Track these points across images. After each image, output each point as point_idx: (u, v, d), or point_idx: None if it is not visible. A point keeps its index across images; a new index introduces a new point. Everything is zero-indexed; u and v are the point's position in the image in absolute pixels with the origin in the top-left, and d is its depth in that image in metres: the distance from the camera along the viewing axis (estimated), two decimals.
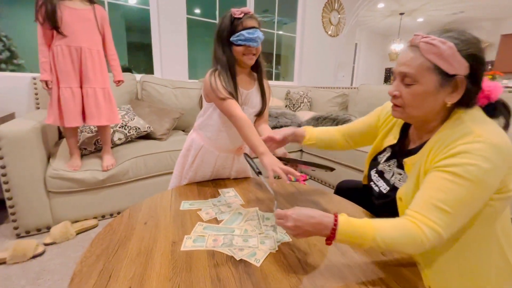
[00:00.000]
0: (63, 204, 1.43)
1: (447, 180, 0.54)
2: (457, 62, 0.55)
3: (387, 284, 0.53)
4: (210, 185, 1.04)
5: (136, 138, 1.82)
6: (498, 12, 5.64)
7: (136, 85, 2.16)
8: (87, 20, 1.37)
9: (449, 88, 0.58)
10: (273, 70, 4.11)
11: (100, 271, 0.55)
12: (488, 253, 0.60)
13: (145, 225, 0.74)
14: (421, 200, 0.56)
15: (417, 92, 0.60)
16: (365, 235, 0.53)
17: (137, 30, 3.43)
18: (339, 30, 3.91)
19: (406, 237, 0.53)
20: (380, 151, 0.84)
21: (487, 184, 0.53)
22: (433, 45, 0.56)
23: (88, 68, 1.37)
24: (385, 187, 0.75)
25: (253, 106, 1.01)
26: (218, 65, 0.92)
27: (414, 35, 0.60)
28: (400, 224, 0.55)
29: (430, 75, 0.58)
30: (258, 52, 0.94)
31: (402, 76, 0.62)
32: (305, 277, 0.55)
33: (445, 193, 0.53)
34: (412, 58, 0.59)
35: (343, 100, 2.82)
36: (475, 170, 0.52)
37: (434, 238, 0.52)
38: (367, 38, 7.26)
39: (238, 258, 0.60)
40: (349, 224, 0.54)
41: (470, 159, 0.52)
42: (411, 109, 0.63)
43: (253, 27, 0.88)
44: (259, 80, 1.01)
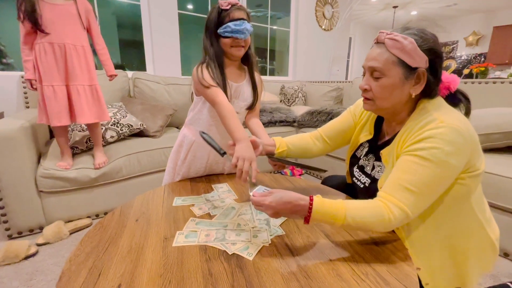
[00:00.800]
0: (55, 204, 1.41)
1: (414, 163, 0.59)
2: (418, 56, 0.61)
3: (378, 272, 0.53)
4: (203, 180, 1.03)
5: (129, 135, 1.79)
6: (490, 4, 5.66)
7: (128, 82, 2.13)
8: (69, 15, 1.33)
9: (413, 80, 0.64)
10: (267, 66, 4.08)
11: (89, 269, 0.54)
12: (467, 228, 0.66)
13: (136, 222, 0.72)
14: (390, 181, 0.61)
15: (385, 84, 0.65)
16: (337, 214, 0.58)
17: (129, 27, 3.38)
18: (333, 24, 3.90)
19: (375, 215, 0.57)
20: (357, 147, 0.86)
21: (450, 165, 0.57)
22: (396, 40, 0.61)
23: (74, 65, 1.34)
24: (368, 181, 0.77)
25: (244, 99, 0.99)
26: (207, 57, 0.91)
27: (379, 32, 0.66)
28: (370, 204, 0.60)
29: (396, 68, 0.63)
30: (247, 44, 0.92)
31: (371, 70, 0.66)
32: (299, 270, 0.54)
33: (412, 174, 0.58)
34: (379, 54, 0.64)
35: (337, 94, 2.81)
36: (438, 153, 0.56)
37: (400, 216, 0.57)
38: (362, 32, 7.25)
39: (230, 252, 0.59)
40: (323, 205, 0.58)
41: (434, 143, 0.57)
42: (380, 101, 0.68)
43: (240, 19, 0.86)
44: (250, 73, 0.99)
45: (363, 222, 0.58)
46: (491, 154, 1.42)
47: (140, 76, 2.13)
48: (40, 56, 1.28)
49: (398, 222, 0.57)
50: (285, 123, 2.48)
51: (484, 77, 4.16)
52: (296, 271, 0.54)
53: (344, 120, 0.91)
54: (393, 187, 0.60)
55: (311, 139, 0.95)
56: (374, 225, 0.58)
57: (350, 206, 0.59)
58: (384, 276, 0.52)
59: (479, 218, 0.66)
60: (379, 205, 0.58)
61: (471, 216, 0.65)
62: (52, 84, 1.30)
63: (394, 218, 0.57)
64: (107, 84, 1.95)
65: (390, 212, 0.57)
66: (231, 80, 0.94)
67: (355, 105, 0.90)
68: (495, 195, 1.22)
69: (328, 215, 0.58)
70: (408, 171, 0.59)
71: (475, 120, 0.62)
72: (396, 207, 0.57)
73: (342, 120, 0.92)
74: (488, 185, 1.16)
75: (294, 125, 2.52)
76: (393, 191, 0.59)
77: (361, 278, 0.52)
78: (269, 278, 0.52)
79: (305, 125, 2.43)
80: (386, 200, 0.59)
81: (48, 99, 1.30)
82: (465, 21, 6.46)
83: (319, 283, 0.51)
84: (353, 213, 0.57)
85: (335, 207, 0.58)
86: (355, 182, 0.83)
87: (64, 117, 1.35)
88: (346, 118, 0.91)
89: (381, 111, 0.72)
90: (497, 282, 1.04)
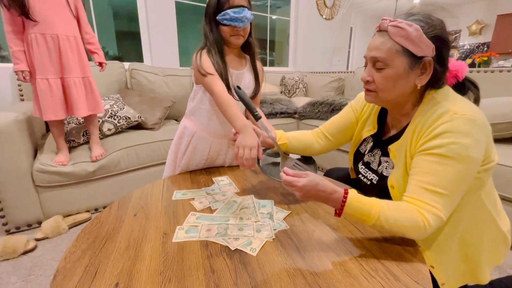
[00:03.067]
0: (53, 198, 1.38)
1: (435, 163, 0.55)
2: (424, 44, 0.57)
3: (387, 268, 0.51)
4: (203, 173, 1.00)
5: (127, 128, 1.76)
6: None
7: (125, 73, 2.07)
8: (59, 4, 1.27)
9: (418, 70, 0.59)
10: (267, 57, 4.01)
11: (85, 266, 0.52)
12: (479, 222, 0.63)
13: (134, 216, 0.70)
14: (413, 186, 0.57)
15: (389, 75, 0.61)
16: (371, 212, 0.54)
17: (125, 18, 3.29)
18: (334, 13, 3.80)
19: (410, 220, 0.53)
20: (360, 142, 0.83)
21: (472, 158, 0.54)
22: (401, 28, 0.57)
23: (69, 57, 1.29)
24: (375, 177, 0.74)
25: (246, 87, 0.96)
26: (207, 42, 0.88)
27: (381, 19, 0.61)
28: (405, 207, 0.55)
29: (400, 57, 0.59)
30: (246, 32, 0.88)
31: (374, 61, 0.62)
32: (304, 265, 0.52)
33: (435, 175, 0.54)
34: (381, 43, 0.60)
35: (339, 84, 2.76)
36: (457, 148, 0.53)
37: (434, 222, 0.53)
38: (363, 22, 7.11)
39: (233, 248, 0.56)
40: (358, 200, 0.55)
41: (451, 138, 0.53)
42: (384, 93, 0.64)
43: (240, 6, 0.82)
44: (252, 61, 0.96)
45: (397, 225, 0.53)
46: (497, 144, 1.39)
47: (138, 67, 2.08)
48: (32, 47, 1.22)
49: (433, 228, 0.54)
50: (285, 115, 2.44)
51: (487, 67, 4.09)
52: (302, 267, 0.52)
53: (346, 116, 0.87)
54: (419, 192, 0.55)
55: (313, 136, 0.91)
56: (408, 231, 0.54)
57: (385, 206, 0.55)
58: (394, 272, 0.50)
59: (490, 211, 0.63)
60: (413, 210, 0.54)
61: (481, 209, 0.63)
62: (47, 77, 1.25)
63: (429, 226, 0.53)
64: (103, 75, 1.90)
65: (425, 219, 0.53)
66: (231, 68, 0.91)
67: (356, 99, 0.86)
68: (502, 186, 1.19)
69: (361, 212, 0.55)
70: (430, 172, 0.55)
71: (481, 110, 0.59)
72: (429, 213, 0.53)
73: (343, 116, 0.87)
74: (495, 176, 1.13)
75: (295, 116, 2.48)
76: (420, 196, 0.55)
77: (370, 274, 0.49)
78: (274, 275, 0.49)
79: (306, 117, 2.39)
80: (418, 206, 0.54)
81: (42, 93, 1.26)
82: (468, 10, 6.32)
83: (327, 280, 0.48)
84: (387, 214, 0.54)
85: (370, 205, 0.55)
86: (360, 179, 0.79)
87: (60, 110, 1.31)
88: (347, 113, 0.86)
89: (385, 103, 0.68)
90: (503, 274, 1.02)
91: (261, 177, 0.95)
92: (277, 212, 0.71)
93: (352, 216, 0.56)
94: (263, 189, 0.85)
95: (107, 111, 1.62)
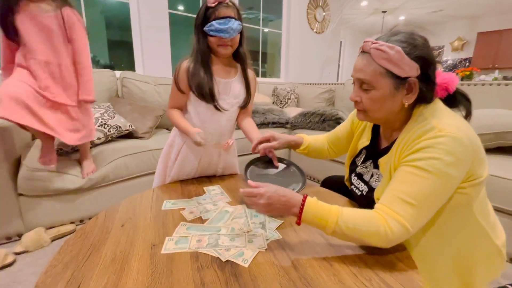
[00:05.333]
0: (36, 209, 1.32)
1: (412, 174, 0.55)
2: (406, 65, 0.57)
3: (381, 278, 0.50)
4: (194, 182, 0.98)
5: (117, 137, 1.72)
6: (474, 11, 5.85)
7: (116, 82, 2.05)
8: (46, 29, 1.17)
9: (404, 90, 0.60)
10: (259, 68, 4.07)
11: (67, 281, 0.49)
12: (471, 237, 0.62)
13: (122, 227, 0.67)
14: (388, 193, 0.58)
15: (375, 97, 0.62)
16: (329, 217, 0.55)
17: (118, 27, 3.30)
18: (324, 27, 3.92)
19: (370, 226, 0.54)
20: (357, 153, 0.84)
21: (450, 176, 0.54)
22: (382, 50, 0.57)
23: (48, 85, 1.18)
24: (365, 189, 0.74)
25: (236, 96, 0.96)
26: (193, 53, 0.90)
27: (364, 41, 0.62)
28: (365, 213, 0.56)
29: (384, 79, 0.59)
30: (234, 42, 0.89)
31: (360, 82, 0.63)
32: (298, 276, 0.51)
33: (410, 186, 0.55)
34: (365, 65, 0.61)
35: (329, 95, 2.82)
36: (437, 163, 0.53)
37: (398, 230, 0.53)
38: (352, 36, 7.36)
39: (224, 259, 0.55)
40: (316, 206, 0.56)
41: (433, 153, 0.54)
42: (372, 112, 0.65)
43: (227, 17, 0.83)
44: (243, 70, 0.96)
45: (356, 230, 0.54)
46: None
47: (129, 75, 2.06)
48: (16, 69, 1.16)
49: (397, 237, 0.53)
50: (278, 125, 2.45)
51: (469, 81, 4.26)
52: (295, 278, 0.50)
53: (345, 127, 0.90)
54: (391, 200, 0.56)
55: (325, 143, 0.97)
56: (368, 237, 0.54)
57: (344, 211, 0.56)
58: (389, 282, 0.49)
59: (483, 226, 0.62)
60: (375, 216, 0.55)
61: (473, 224, 0.62)
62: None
63: (391, 233, 0.53)
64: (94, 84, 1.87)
65: (387, 225, 0.53)
66: (218, 76, 0.92)
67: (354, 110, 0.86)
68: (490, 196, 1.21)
69: (319, 217, 0.55)
70: (407, 183, 0.55)
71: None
72: (394, 220, 0.53)
73: (344, 127, 0.91)
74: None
75: (287, 126, 2.50)
76: (391, 204, 0.55)
77: (365, 285, 0.49)
78: (266, 287, 0.48)
79: (297, 127, 2.40)
80: (384, 213, 0.55)
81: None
82: (451, 27, 6.65)
83: None
84: (346, 219, 0.54)
85: (328, 210, 0.56)
86: (353, 190, 0.80)
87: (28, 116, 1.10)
88: (346, 124, 0.90)
89: (375, 120, 0.70)
90: (497, 285, 1.03)
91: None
92: (270, 221, 0.70)
93: (311, 222, 0.56)
94: None
95: (97, 120, 1.59)
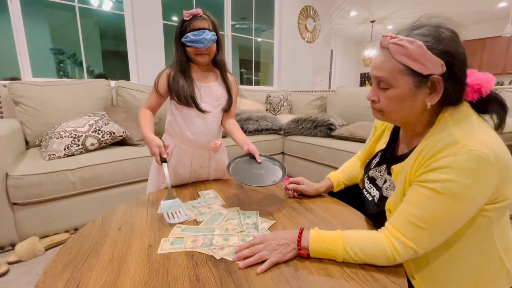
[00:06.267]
0: (30, 218, 1.32)
1: (426, 196, 0.51)
2: (428, 61, 0.51)
3: (367, 271, 0.53)
4: (189, 187, 1.00)
5: (111, 144, 1.74)
6: (459, 19, 6.07)
7: (110, 91, 2.08)
8: None
9: (427, 89, 0.54)
10: (252, 77, 4.14)
11: (66, 281, 0.51)
12: (485, 261, 0.57)
13: (119, 230, 0.69)
14: (399, 214, 0.55)
15: (393, 96, 0.57)
16: (336, 247, 0.54)
17: (112, 37, 3.33)
18: (315, 37, 4.04)
19: (376, 249, 0.53)
20: (373, 156, 0.80)
21: (469, 199, 0.49)
22: (401, 46, 0.52)
23: None
24: (377, 195, 0.71)
25: (218, 99, 1.02)
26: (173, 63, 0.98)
27: (383, 36, 0.57)
28: (370, 235, 0.56)
29: (403, 77, 0.54)
30: (211, 51, 0.96)
31: (377, 80, 0.59)
32: (288, 271, 0.53)
33: (423, 209, 0.52)
34: (383, 61, 0.56)
35: (321, 102, 2.89)
36: (455, 187, 0.48)
37: (405, 252, 0.52)
38: (342, 45, 7.56)
39: (218, 257, 0.57)
40: (320, 240, 0.56)
41: (451, 174, 0.49)
42: (389, 113, 0.61)
43: (201, 29, 0.90)
44: (222, 75, 1.03)
45: (364, 254, 0.53)
46: None
47: (124, 85, 2.09)
48: None
49: (404, 258, 0.53)
50: (271, 131, 2.50)
51: None
52: (286, 272, 0.53)
53: (371, 137, 0.84)
54: (401, 222, 0.54)
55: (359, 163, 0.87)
56: (377, 259, 0.53)
57: (348, 235, 0.55)
58: (373, 273, 0.53)
59: (498, 249, 0.56)
60: (381, 237, 0.54)
61: (489, 248, 0.56)
62: None
63: (398, 255, 0.52)
64: (89, 93, 1.91)
65: (393, 248, 0.52)
66: (199, 81, 0.99)
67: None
68: None
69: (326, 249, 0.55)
70: (419, 206, 0.52)
71: None
72: (400, 243, 0.52)
73: (370, 138, 0.85)
74: None
75: (280, 133, 2.55)
76: (400, 225, 0.54)
77: (351, 277, 0.52)
78: (258, 281, 0.50)
79: (291, 133, 2.45)
80: (390, 234, 0.54)
81: None
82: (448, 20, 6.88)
83: (309, 284, 0.50)
84: (352, 244, 0.54)
85: (333, 240, 0.55)
86: (364, 194, 0.77)
87: None
88: (372, 134, 0.84)
89: (394, 121, 0.65)
90: None
91: (247, 190, 0.97)
92: (262, 222, 0.73)
93: (320, 256, 0.56)
94: (248, 201, 0.87)
95: (91, 126, 1.60)
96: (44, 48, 2.75)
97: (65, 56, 2.94)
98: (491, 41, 6.00)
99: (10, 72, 2.19)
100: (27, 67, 2.09)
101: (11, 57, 2.07)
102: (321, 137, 2.27)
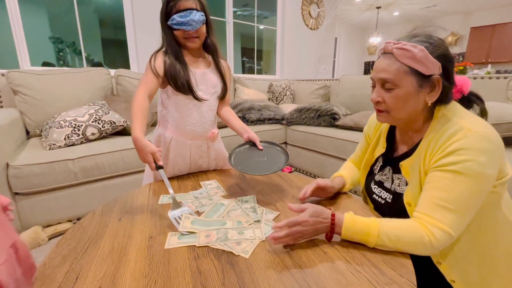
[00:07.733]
0: (32, 207, 1.32)
1: (448, 179, 0.55)
2: (430, 63, 0.59)
3: (373, 263, 0.52)
4: (191, 178, 0.99)
5: (112, 134, 1.72)
6: (467, 6, 5.90)
7: (110, 80, 2.04)
8: None
9: (428, 88, 0.61)
10: (255, 65, 4.07)
11: (66, 272, 0.50)
12: (502, 235, 0.62)
13: (119, 221, 0.68)
14: (425, 201, 0.58)
15: (399, 95, 0.62)
16: (370, 232, 0.55)
17: (112, 26, 3.27)
18: (319, 23, 3.93)
19: (413, 236, 0.54)
20: (373, 163, 0.82)
21: (486, 175, 0.54)
22: (406, 49, 0.59)
23: None
24: (389, 196, 0.73)
25: (213, 86, 0.97)
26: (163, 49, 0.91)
27: (385, 43, 0.64)
28: (406, 223, 0.57)
29: (408, 77, 0.60)
30: (201, 34, 0.88)
31: (382, 82, 0.64)
32: (292, 263, 0.52)
33: (448, 192, 0.55)
34: (388, 64, 0.62)
35: (325, 91, 2.83)
36: (473, 165, 0.53)
37: (442, 237, 0.54)
38: (346, 32, 7.38)
39: (237, 253, 0.55)
40: (354, 223, 0.57)
41: (466, 155, 0.54)
42: (395, 112, 0.65)
43: (187, 9, 0.83)
44: (214, 61, 0.97)
45: (399, 242, 0.54)
46: None
47: (124, 73, 2.06)
48: None
49: (442, 244, 0.54)
50: (273, 121, 2.46)
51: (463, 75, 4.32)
52: (290, 265, 0.52)
53: (362, 145, 0.89)
54: (429, 207, 0.56)
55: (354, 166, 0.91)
56: (412, 246, 0.54)
57: (383, 223, 0.56)
58: (380, 266, 0.51)
59: (509, 219, 0.62)
60: (416, 225, 0.55)
61: (503, 222, 0.62)
62: None
63: (436, 241, 0.53)
64: (88, 82, 1.88)
65: (430, 234, 0.54)
66: (193, 68, 0.92)
67: (367, 125, 0.87)
68: None
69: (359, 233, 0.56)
70: (443, 189, 0.55)
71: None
72: (436, 228, 0.54)
73: (361, 146, 0.90)
74: None
75: (283, 122, 2.51)
76: (430, 211, 0.56)
77: (357, 269, 0.50)
78: (261, 274, 0.49)
79: (293, 123, 2.42)
80: (424, 221, 0.55)
81: None
82: (444, 22, 6.70)
83: (314, 276, 0.48)
84: (387, 231, 0.55)
85: (367, 225, 0.56)
86: (375, 199, 0.78)
87: None
88: (363, 143, 0.89)
89: (397, 121, 0.69)
90: None
91: (249, 179, 0.96)
92: (266, 213, 0.71)
93: (352, 239, 0.57)
94: (249, 191, 0.85)
95: (91, 116, 1.58)
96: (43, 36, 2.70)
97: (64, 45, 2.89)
98: (500, 27, 5.81)
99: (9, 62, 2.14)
100: (25, 55, 2.06)
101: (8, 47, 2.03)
102: (325, 127, 2.24)
